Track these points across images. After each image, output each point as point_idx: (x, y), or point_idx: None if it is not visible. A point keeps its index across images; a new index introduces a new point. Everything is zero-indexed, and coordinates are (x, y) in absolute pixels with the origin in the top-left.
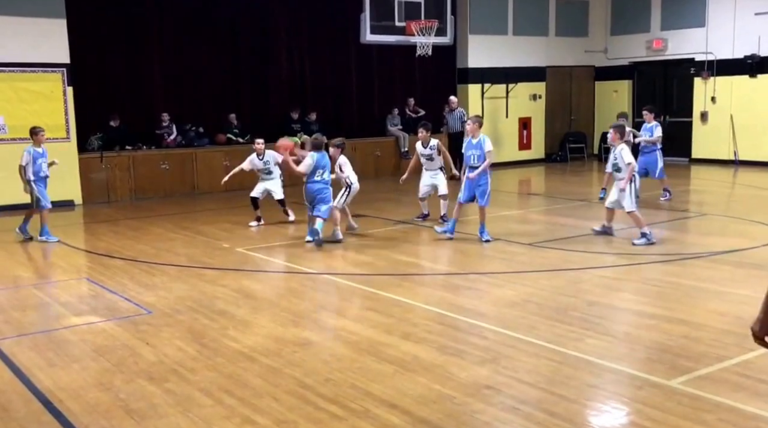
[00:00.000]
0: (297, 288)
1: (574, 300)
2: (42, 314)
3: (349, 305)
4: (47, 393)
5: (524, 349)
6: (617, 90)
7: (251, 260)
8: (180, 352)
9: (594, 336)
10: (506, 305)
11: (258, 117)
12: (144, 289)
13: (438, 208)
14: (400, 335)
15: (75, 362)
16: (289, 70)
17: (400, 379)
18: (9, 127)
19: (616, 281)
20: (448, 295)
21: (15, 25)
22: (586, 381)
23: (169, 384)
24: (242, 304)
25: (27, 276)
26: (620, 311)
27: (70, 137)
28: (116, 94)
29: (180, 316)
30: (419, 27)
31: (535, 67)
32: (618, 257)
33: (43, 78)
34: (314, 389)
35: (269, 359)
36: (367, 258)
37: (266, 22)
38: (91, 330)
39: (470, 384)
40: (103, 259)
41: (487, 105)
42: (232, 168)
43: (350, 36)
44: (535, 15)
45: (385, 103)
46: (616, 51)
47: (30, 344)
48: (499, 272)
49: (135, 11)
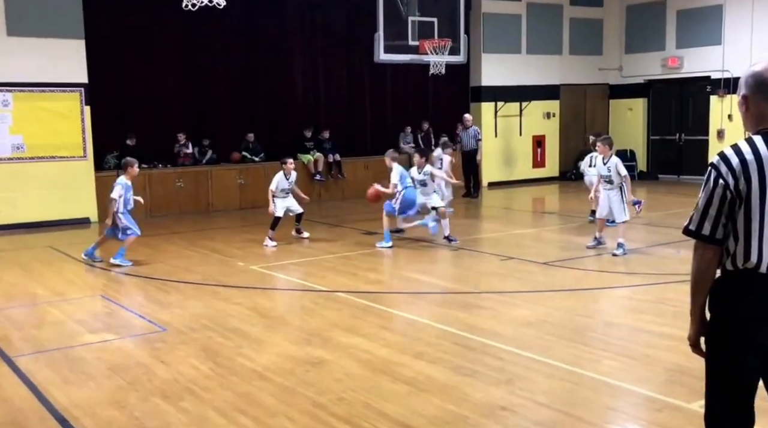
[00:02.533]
0: (310, 306)
1: (590, 321)
2: (58, 331)
3: (362, 323)
4: (63, 410)
5: (540, 370)
6: (632, 108)
7: (265, 278)
8: (194, 370)
9: (612, 357)
10: (521, 325)
11: (272, 135)
12: (159, 307)
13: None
14: (414, 354)
15: (90, 379)
16: (303, 89)
17: (414, 399)
18: (27, 145)
19: (633, 301)
20: (462, 314)
21: (35, 45)
22: (605, 403)
23: (184, 402)
24: (256, 322)
25: (43, 293)
26: (638, 332)
27: (87, 155)
28: (133, 114)
29: (194, 334)
30: (433, 46)
31: (548, 85)
32: (634, 276)
33: (62, 97)
34: (328, 408)
35: (283, 378)
36: (380, 276)
37: (281, 42)
38: (106, 347)
39: (485, 405)
40: (119, 276)
41: (500, 123)
42: (246, 186)
43: (364, 55)
44: (548, 34)
45: (398, 121)
46: (631, 69)
47: (46, 361)
48: (514, 292)
49: (152, 31)
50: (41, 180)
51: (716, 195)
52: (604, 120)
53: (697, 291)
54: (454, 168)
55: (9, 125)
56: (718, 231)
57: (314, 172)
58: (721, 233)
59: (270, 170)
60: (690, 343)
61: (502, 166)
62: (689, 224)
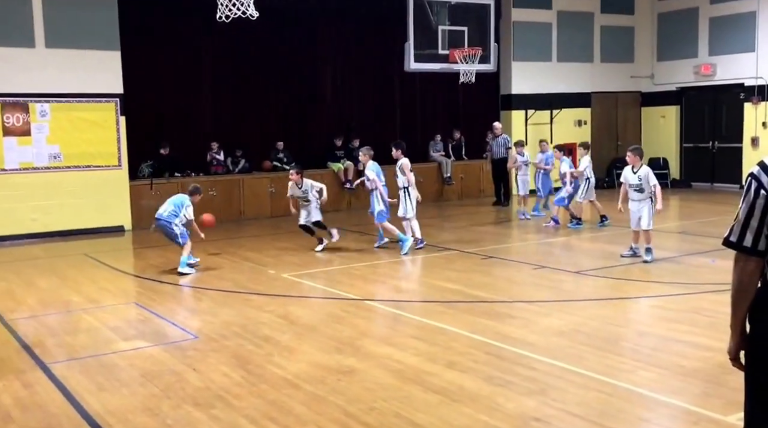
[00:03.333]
0: (340, 315)
1: (624, 330)
2: (92, 338)
3: (392, 332)
4: (97, 416)
5: (573, 380)
6: (665, 116)
7: (296, 286)
8: (225, 378)
9: (645, 368)
10: (554, 334)
11: (303, 144)
12: (191, 314)
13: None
14: (445, 363)
15: (123, 386)
16: (333, 98)
17: (445, 409)
18: (64, 155)
19: (667, 311)
20: (494, 323)
21: (72, 57)
22: (639, 414)
23: (215, 410)
24: (286, 330)
25: (78, 301)
26: (672, 342)
27: (122, 164)
28: (166, 124)
29: (226, 342)
30: (463, 55)
31: (579, 93)
32: (668, 286)
33: (98, 108)
34: (358, 418)
35: (313, 386)
36: (411, 285)
37: (313, 52)
38: (139, 354)
39: (517, 416)
40: (152, 284)
41: (530, 131)
42: (277, 195)
43: (394, 64)
44: (579, 42)
45: (427, 129)
46: (663, 76)
47: (80, 368)
48: (546, 301)
49: (185, 43)
50: (77, 189)
51: (758, 206)
52: (636, 128)
53: (738, 304)
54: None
55: (46, 134)
56: (760, 243)
57: (344, 180)
58: (763, 245)
59: None
60: (730, 357)
61: (533, 174)
62: (730, 235)
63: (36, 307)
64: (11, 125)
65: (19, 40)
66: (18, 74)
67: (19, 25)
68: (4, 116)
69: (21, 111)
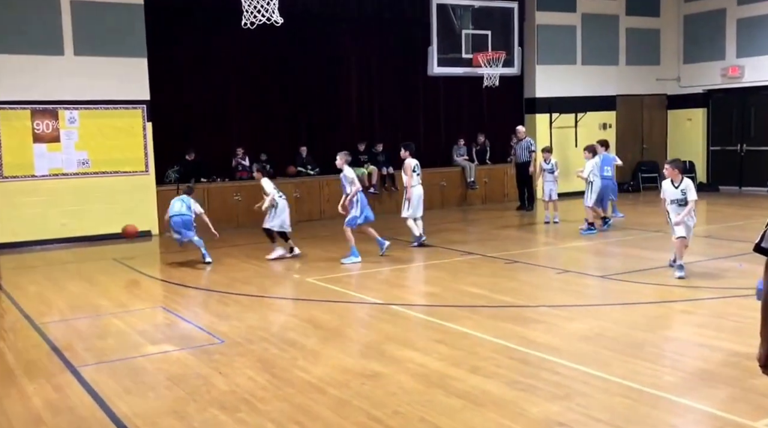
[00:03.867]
0: (364, 319)
1: (649, 335)
2: (120, 342)
3: (416, 336)
4: (125, 419)
5: (598, 385)
6: (691, 118)
7: (320, 290)
8: (251, 382)
9: (671, 373)
10: (578, 339)
11: (326, 149)
12: (217, 318)
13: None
14: (469, 368)
15: (151, 390)
16: (357, 103)
17: (469, 414)
18: (92, 161)
19: (693, 316)
20: (518, 328)
21: (100, 64)
22: (665, 420)
23: (241, 413)
24: (311, 334)
25: (106, 305)
26: (698, 347)
27: (149, 170)
28: (192, 129)
29: (251, 345)
30: (486, 59)
31: (604, 96)
32: (695, 290)
33: (125, 114)
34: (383, 422)
35: (338, 390)
36: (434, 289)
37: (335, 57)
38: (166, 358)
39: (542, 421)
40: (179, 288)
41: (555, 135)
42: (302, 199)
43: (418, 68)
44: (604, 44)
45: (451, 133)
46: (690, 79)
47: (109, 371)
48: (570, 305)
49: (210, 49)
50: (105, 194)
51: None
52: (662, 131)
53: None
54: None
55: (75, 141)
56: None
57: (368, 185)
58: None
59: (325, 183)
60: (760, 364)
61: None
62: (761, 241)
63: (66, 311)
64: (41, 131)
65: (48, 49)
66: (47, 82)
67: (48, 33)
68: (34, 123)
69: (50, 118)
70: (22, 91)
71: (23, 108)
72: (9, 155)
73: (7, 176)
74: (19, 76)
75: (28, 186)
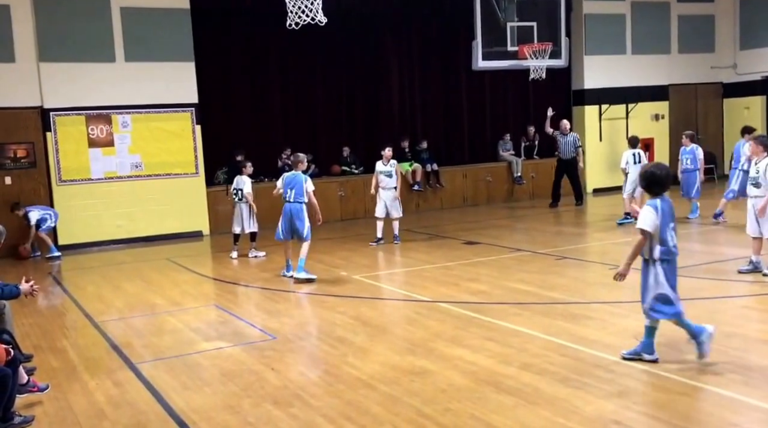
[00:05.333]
0: (412, 316)
1: None
2: (176, 339)
3: (465, 334)
4: (182, 414)
5: (654, 383)
6: (749, 107)
7: (368, 287)
8: (302, 377)
9: (733, 370)
10: (632, 336)
11: (370, 147)
12: (268, 315)
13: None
14: (520, 365)
15: (206, 385)
16: (400, 100)
17: (521, 411)
18: (145, 164)
19: (755, 312)
20: (569, 325)
21: (150, 69)
22: (727, 419)
23: (294, 409)
24: (360, 331)
25: (162, 303)
26: (761, 344)
27: (199, 172)
28: (240, 131)
29: (302, 342)
30: (532, 50)
31: (656, 85)
32: (755, 285)
33: (175, 118)
34: (434, 418)
35: (388, 387)
36: (483, 287)
37: (378, 54)
38: (220, 354)
39: (596, 419)
40: (230, 286)
41: (605, 127)
42: (347, 198)
43: (462, 63)
44: (655, 32)
45: (497, 128)
46: (747, 66)
47: (165, 367)
48: (624, 302)
49: (256, 51)
50: (158, 196)
51: None
52: (718, 121)
53: None
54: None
55: (128, 145)
56: None
57: (412, 182)
58: None
59: (369, 181)
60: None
61: (608, 171)
62: None
63: (123, 309)
64: (96, 136)
65: (100, 56)
66: (100, 88)
67: (100, 41)
68: (89, 128)
69: (104, 123)
70: (77, 98)
71: (78, 114)
72: (66, 160)
73: (65, 180)
74: (74, 84)
75: (85, 189)
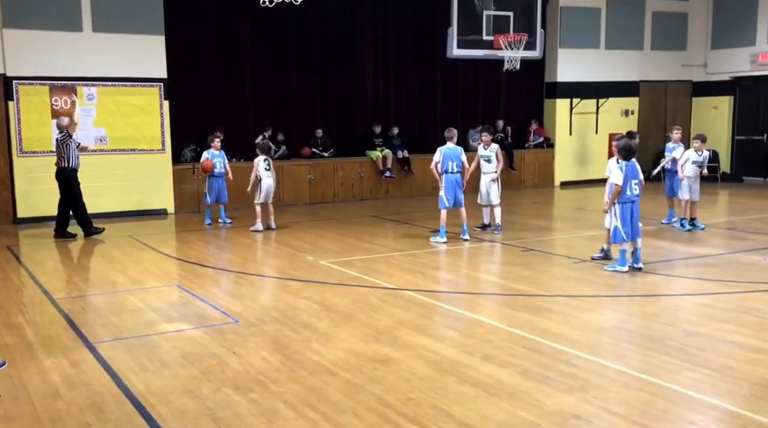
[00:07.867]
0: (377, 303)
1: (670, 329)
2: (136, 319)
3: (429, 322)
4: (140, 396)
5: (615, 378)
6: (717, 106)
7: (333, 273)
8: (264, 362)
9: (692, 369)
10: (595, 330)
11: (342, 131)
12: (231, 298)
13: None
14: (483, 356)
15: (165, 368)
16: (373, 85)
17: (482, 403)
18: (110, 138)
19: (716, 310)
20: (533, 318)
21: (119, 41)
22: (684, 416)
23: (254, 394)
24: (324, 317)
25: (123, 282)
26: (721, 343)
27: (165, 148)
28: (209, 108)
29: (265, 326)
30: (507, 41)
31: (627, 81)
32: (716, 284)
33: (142, 92)
34: (395, 407)
35: (350, 374)
36: (449, 276)
37: (352, 38)
38: (181, 336)
39: (557, 413)
40: (194, 267)
41: (575, 121)
42: (316, 181)
43: (436, 50)
44: (629, 28)
45: (468, 117)
46: (717, 65)
47: (124, 348)
48: (588, 296)
49: (227, 29)
50: (122, 172)
51: None
52: (686, 119)
53: None
54: (527, 165)
55: (93, 118)
56: None
57: (382, 168)
58: None
59: (339, 165)
60: None
61: (576, 165)
62: None
63: (83, 287)
64: (59, 107)
65: (67, 24)
66: (66, 58)
67: (67, 9)
68: (52, 98)
69: (69, 94)
70: (42, 67)
71: (42, 84)
72: (28, 131)
73: (27, 151)
74: (38, 52)
75: (47, 162)
